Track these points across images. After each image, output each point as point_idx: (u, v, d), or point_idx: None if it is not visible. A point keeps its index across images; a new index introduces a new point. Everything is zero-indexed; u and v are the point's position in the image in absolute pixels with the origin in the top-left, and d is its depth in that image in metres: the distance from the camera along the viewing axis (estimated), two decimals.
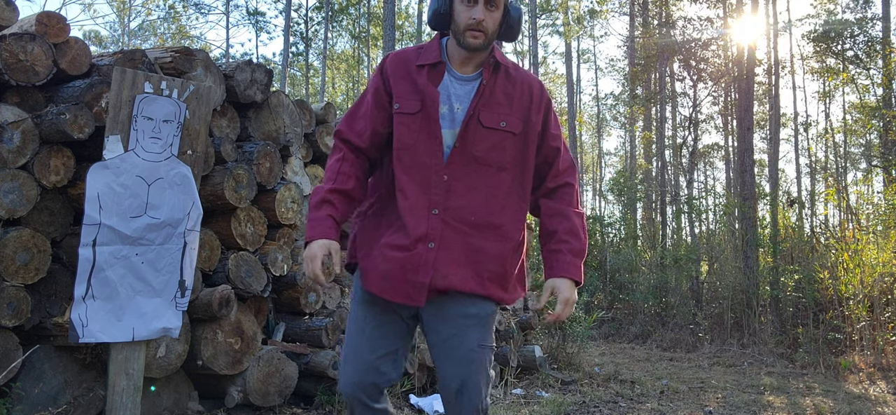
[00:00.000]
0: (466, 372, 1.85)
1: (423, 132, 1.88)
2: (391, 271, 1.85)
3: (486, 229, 1.89)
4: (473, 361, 1.86)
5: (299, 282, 4.15)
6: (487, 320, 1.91)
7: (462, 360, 1.85)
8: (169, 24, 26.11)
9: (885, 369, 6.76)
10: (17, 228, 3.02)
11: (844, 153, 20.95)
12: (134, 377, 3.07)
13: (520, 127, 1.93)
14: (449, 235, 1.85)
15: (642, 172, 20.23)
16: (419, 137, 1.87)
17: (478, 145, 1.88)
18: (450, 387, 1.85)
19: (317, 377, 4.17)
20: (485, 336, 1.89)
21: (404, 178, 1.87)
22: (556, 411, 4.60)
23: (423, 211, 1.85)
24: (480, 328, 1.89)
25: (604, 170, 32.92)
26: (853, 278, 7.51)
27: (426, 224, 1.84)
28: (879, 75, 14.73)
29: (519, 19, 1.93)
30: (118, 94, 3.05)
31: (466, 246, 1.86)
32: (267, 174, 3.99)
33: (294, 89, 27.56)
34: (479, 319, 1.89)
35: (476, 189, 1.88)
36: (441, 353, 1.88)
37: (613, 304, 12.14)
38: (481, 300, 1.90)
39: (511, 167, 1.93)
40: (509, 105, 1.92)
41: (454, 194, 1.87)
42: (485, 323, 1.90)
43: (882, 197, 9.80)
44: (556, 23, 25.66)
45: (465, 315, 1.87)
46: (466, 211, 1.87)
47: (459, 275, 1.84)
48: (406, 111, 1.89)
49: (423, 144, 1.87)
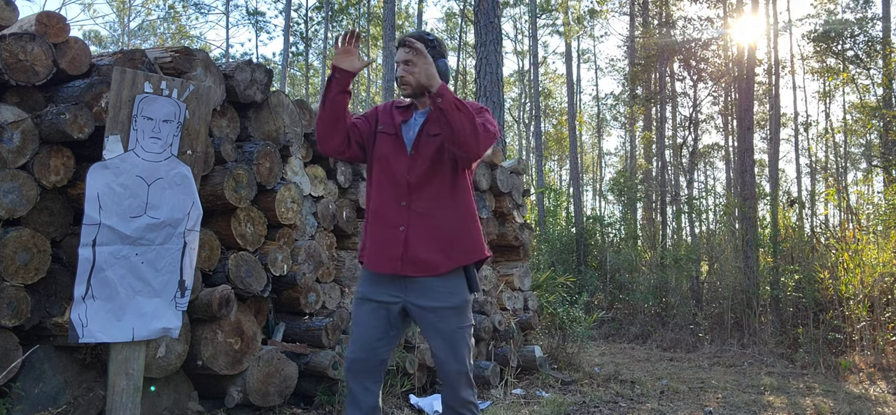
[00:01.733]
0: (450, 347, 2.44)
1: (395, 145, 2.52)
2: (379, 251, 2.48)
3: (440, 210, 2.46)
4: (455, 339, 2.45)
5: (299, 282, 4.14)
6: (463, 307, 2.46)
7: (446, 338, 2.44)
8: (169, 24, 26.12)
9: (886, 369, 6.76)
10: (17, 228, 3.02)
11: (844, 153, 20.96)
12: (134, 377, 3.07)
13: None
14: (415, 220, 2.44)
15: (642, 172, 20.22)
16: (392, 149, 2.52)
17: (427, 149, 2.48)
18: (438, 358, 2.45)
19: (317, 377, 4.17)
20: (461, 320, 2.46)
21: (383, 179, 2.51)
22: (556, 411, 4.60)
23: (396, 204, 2.46)
24: (457, 316, 2.45)
25: (604, 170, 32.93)
26: (853, 278, 7.51)
27: (397, 214, 2.45)
28: (879, 75, 14.73)
29: (444, 69, 2.54)
30: (118, 94, 3.05)
31: (429, 227, 2.44)
32: (267, 174, 3.99)
33: (294, 89, 27.56)
34: (455, 309, 2.44)
35: (430, 183, 2.46)
36: (430, 334, 2.49)
37: (613, 304, 12.14)
38: (454, 286, 2.45)
39: (451, 160, 2.48)
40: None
41: (415, 189, 2.46)
42: (460, 311, 2.45)
43: (882, 197, 9.80)
44: (556, 23, 25.65)
45: (444, 307, 2.43)
46: (424, 200, 2.46)
47: (425, 251, 2.42)
48: (386, 132, 2.57)
49: (393, 154, 2.50)
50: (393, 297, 2.45)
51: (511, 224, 6.31)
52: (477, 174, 5.87)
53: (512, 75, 30.25)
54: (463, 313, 2.46)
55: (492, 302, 5.82)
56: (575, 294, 9.94)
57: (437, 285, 2.43)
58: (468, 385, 2.46)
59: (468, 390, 2.46)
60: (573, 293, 9.99)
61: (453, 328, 2.43)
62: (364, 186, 4.86)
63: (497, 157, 6.16)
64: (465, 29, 24.15)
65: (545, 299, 7.33)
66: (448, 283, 2.44)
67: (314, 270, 4.27)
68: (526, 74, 27.18)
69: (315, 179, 4.52)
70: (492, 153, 6.13)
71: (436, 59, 2.50)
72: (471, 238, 2.49)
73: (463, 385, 2.45)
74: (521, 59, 28.89)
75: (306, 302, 4.30)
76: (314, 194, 4.51)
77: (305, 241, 4.32)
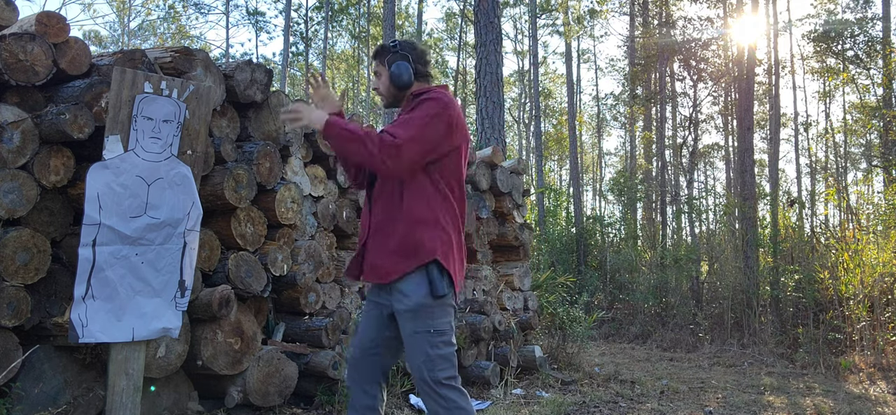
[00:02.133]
0: (410, 351, 2.43)
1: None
2: (353, 259, 2.61)
3: (391, 219, 2.47)
4: (412, 343, 2.42)
5: (299, 282, 4.14)
6: (417, 311, 2.40)
7: (406, 342, 2.45)
8: (169, 24, 26.11)
9: (886, 369, 6.76)
10: (17, 228, 3.02)
11: (844, 153, 20.96)
12: (134, 377, 3.07)
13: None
14: (374, 229, 2.51)
15: (642, 172, 20.22)
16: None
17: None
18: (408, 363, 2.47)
19: (317, 377, 4.17)
20: (417, 325, 2.40)
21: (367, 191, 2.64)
22: (556, 411, 4.60)
23: (367, 214, 2.57)
24: (412, 320, 2.40)
25: (604, 170, 32.92)
26: (853, 278, 7.51)
27: (366, 223, 2.57)
28: (879, 75, 14.73)
29: (397, 75, 2.56)
30: (118, 94, 3.05)
31: (383, 235, 2.48)
32: (267, 174, 3.99)
33: (294, 89, 27.56)
34: (410, 312, 2.40)
35: (382, 194, 2.51)
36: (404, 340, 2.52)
37: (613, 304, 12.14)
38: (410, 290, 2.40)
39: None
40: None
41: (375, 200, 2.54)
42: (415, 314, 2.40)
43: (882, 197, 9.80)
44: (556, 23, 25.64)
45: (402, 310, 2.42)
46: (379, 210, 2.52)
47: (379, 257, 2.47)
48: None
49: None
50: (383, 299, 2.51)
51: (511, 224, 6.31)
52: (477, 174, 5.87)
53: (512, 75, 30.25)
54: (418, 317, 2.39)
55: (492, 302, 5.82)
56: (575, 294, 9.95)
57: (399, 289, 2.42)
58: (433, 396, 2.36)
59: (434, 401, 2.36)
60: (573, 293, 9.99)
61: (409, 332, 2.41)
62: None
63: (497, 157, 6.16)
64: (465, 29, 24.15)
65: (545, 299, 7.33)
66: (405, 286, 2.41)
67: (314, 270, 4.27)
68: (526, 74, 27.18)
69: (315, 179, 4.52)
70: (492, 153, 6.13)
71: (393, 63, 2.57)
72: (416, 242, 2.42)
73: (426, 394, 2.38)
74: (521, 59, 28.90)
75: (306, 302, 4.30)
76: (314, 194, 4.51)
77: (305, 241, 4.32)
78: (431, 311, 2.40)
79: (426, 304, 2.39)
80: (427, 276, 2.40)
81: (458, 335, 5.14)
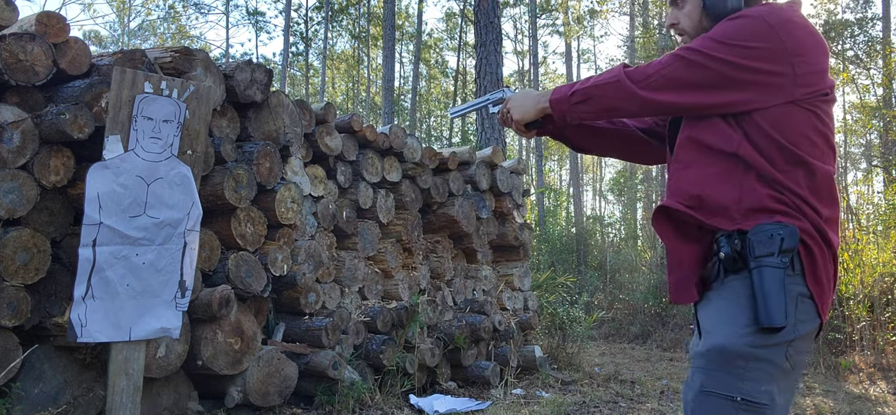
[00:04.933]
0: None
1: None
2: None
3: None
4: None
5: (299, 282, 4.15)
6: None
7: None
8: (169, 24, 26.11)
9: (886, 369, 6.76)
10: (17, 228, 3.02)
11: (844, 153, 20.96)
12: (134, 377, 3.07)
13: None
14: None
15: (642, 172, 20.23)
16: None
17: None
18: None
19: (317, 377, 4.17)
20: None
21: None
22: (556, 411, 4.60)
23: None
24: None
25: (604, 170, 32.92)
26: (853, 278, 7.51)
27: None
28: (879, 75, 14.74)
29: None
30: (118, 94, 3.05)
31: None
32: (267, 174, 3.99)
33: (294, 89, 27.57)
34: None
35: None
36: None
37: (613, 304, 12.14)
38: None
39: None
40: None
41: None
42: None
43: (882, 197, 9.80)
44: (556, 23, 25.64)
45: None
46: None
47: None
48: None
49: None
50: None
51: (511, 224, 6.31)
52: (477, 174, 5.87)
53: (512, 75, 30.24)
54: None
55: (492, 302, 5.82)
56: (575, 294, 9.95)
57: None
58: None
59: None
60: (573, 293, 9.99)
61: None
62: (363, 186, 4.86)
63: (497, 157, 6.16)
64: (465, 29, 24.16)
65: (545, 299, 7.33)
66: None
67: (314, 270, 4.27)
68: (526, 74, 27.18)
69: (315, 179, 4.52)
70: (492, 153, 6.13)
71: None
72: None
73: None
74: (521, 59, 28.90)
75: (306, 302, 4.31)
76: (314, 194, 4.51)
77: (305, 241, 4.32)
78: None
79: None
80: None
81: (459, 335, 5.15)
